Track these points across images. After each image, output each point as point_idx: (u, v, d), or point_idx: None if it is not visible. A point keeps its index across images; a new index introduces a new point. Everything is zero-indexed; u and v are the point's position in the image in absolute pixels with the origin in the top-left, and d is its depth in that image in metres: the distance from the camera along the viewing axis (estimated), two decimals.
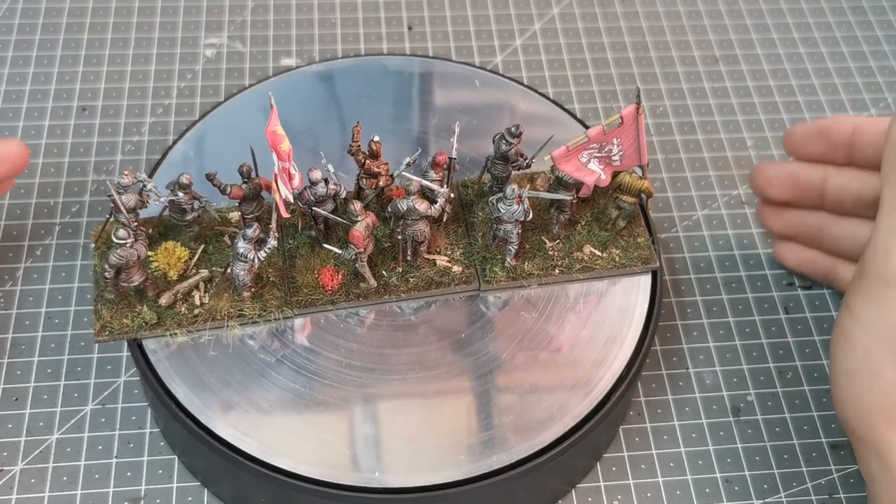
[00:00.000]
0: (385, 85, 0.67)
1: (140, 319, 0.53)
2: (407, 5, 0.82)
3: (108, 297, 0.53)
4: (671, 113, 0.76)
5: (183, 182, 0.53)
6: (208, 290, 0.54)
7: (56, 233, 0.66)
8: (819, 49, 0.81)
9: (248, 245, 0.51)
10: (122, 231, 0.50)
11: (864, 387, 0.49)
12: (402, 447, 0.51)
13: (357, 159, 0.56)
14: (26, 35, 0.78)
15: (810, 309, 0.65)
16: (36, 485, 0.56)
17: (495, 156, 0.57)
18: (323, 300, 0.54)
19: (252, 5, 0.81)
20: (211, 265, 0.55)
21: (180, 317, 0.53)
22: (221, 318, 0.53)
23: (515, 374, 0.54)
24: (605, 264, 0.56)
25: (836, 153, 0.59)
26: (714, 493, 0.57)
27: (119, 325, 0.53)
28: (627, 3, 0.84)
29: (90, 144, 0.71)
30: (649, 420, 0.60)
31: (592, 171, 0.55)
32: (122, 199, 0.51)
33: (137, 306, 0.53)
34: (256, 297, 0.54)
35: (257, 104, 0.65)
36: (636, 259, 0.57)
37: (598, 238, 0.57)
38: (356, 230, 0.52)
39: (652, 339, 0.56)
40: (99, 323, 0.53)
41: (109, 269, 0.51)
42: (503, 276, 0.56)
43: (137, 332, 0.53)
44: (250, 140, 0.64)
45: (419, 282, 0.55)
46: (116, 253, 0.50)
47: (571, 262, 0.56)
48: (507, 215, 0.53)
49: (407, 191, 0.54)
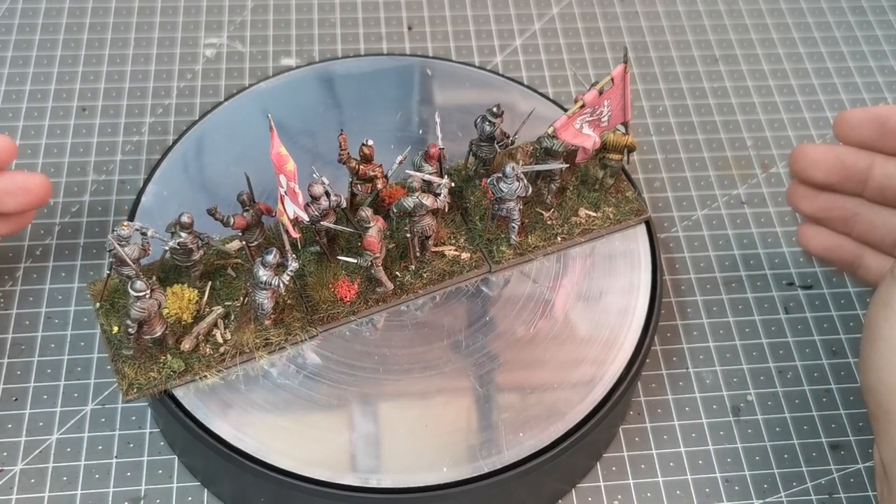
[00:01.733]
0: (385, 85, 0.67)
1: (167, 370, 0.51)
2: (407, 5, 0.82)
3: (127, 353, 0.51)
4: (671, 113, 0.76)
5: (185, 222, 0.52)
6: (228, 325, 0.53)
7: (56, 233, 0.66)
8: (819, 49, 0.81)
9: (269, 272, 0.50)
10: (139, 283, 0.48)
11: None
12: (401, 447, 0.51)
13: (350, 167, 0.55)
14: (26, 35, 0.78)
15: (810, 309, 0.65)
16: (36, 485, 0.56)
17: (480, 138, 0.57)
18: (344, 312, 0.54)
19: (252, 5, 0.81)
20: (222, 300, 0.54)
21: (207, 358, 0.52)
22: (249, 350, 0.52)
23: (515, 374, 0.54)
24: (601, 223, 0.58)
25: (889, 141, 0.59)
26: (714, 493, 0.57)
27: (146, 380, 0.51)
28: (627, 3, 0.84)
29: (90, 144, 0.71)
30: (649, 420, 0.60)
31: (588, 135, 0.56)
32: (126, 251, 0.50)
33: (160, 357, 0.51)
34: (278, 323, 0.53)
35: (257, 104, 0.65)
36: (629, 213, 0.59)
37: (589, 199, 0.59)
38: (371, 236, 0.52)
39: (652, 339, 0.56)
40: (125, 382, 0.51)
41: (132, 323, 0.49)
42: (510, 254, 0.57)
43: (167, 383, 0.51)
44: (250, 141, 0.64)
45: (433, 275, 0.56)
46: (137, 307, 0.48)
47: (571, 228, 0.58)
48: (510, 193, 0.54)
49: (409, 188, 0.54)
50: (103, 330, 0.53)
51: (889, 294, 0.49)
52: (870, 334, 0.50)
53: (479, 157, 0.58)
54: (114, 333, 0.52)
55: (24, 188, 0.58)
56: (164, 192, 0.60)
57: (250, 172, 0.61)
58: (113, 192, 0.68)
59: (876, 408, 0.49)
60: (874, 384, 0.49)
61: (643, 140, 0.73)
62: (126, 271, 0.51)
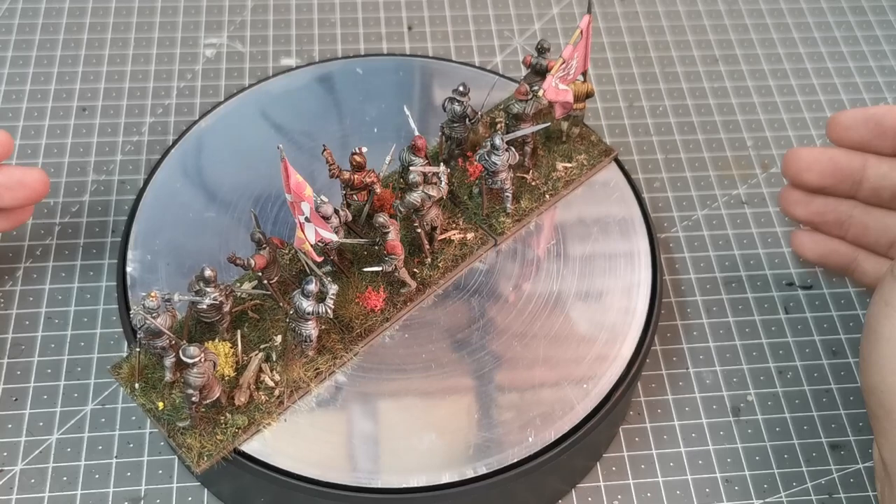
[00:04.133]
0: (385, 85, 0.67)
1: (232, 428, 0.49)
2: (407, 5, 0.82)
3: (182, 425, 0.49)
4: (671, 113, 0.76)
5: (209, 276, 0.49)
6: (274, 367, 0.52)
7: (56, 233, 0.66)
8: (819, 49, 0.81)
9: (311, 301, 0.49)
10: (191, 349, 0.46)
11: None
12: (401, 447, 0.51)
13: (342, 179, 0.54)
14: (26, 35, 0.78)
15: (810, 309, 0.65)
16: (36, 485, 0.56)
17: (452, 120, 0.58)
18: (379, 321, 0.54)
19: (252, 5, 0.81)
20: (255, 345, 0.52)
21: (265, 405, 0.51)
22: (304, 385, 0.51)
23: (515, 374, 0.54)
24: (579, 171, 0.60)
25: (884, 141, 0.59)
26: (714, 493, 0.57)
27: (214, 445, 0.49)
28: (627, 3, 0.84)
29: (90, 144, 0.71)
30: (649, 420, 0.60)
31: (566, 90, 0.58)
32: (159, 322, 0.48)
33: (220, 417, 0.50)
34: (322, 350, 0.52)
35: (257, 104, 0.65)
36: (599, 155, 0.61)
37: (560, 153, 0.61)
38: (392, 240, 0.52)
39: (652, 339, 0.56)
40: (193, 454, 0.49)
41: (194, 392, 0.47)
42: (510, 223, 0.58)
43: (236, 442, 0.50)
44: (250, 141, 0.64)
45: (447, 263, 0.56)
46: (195, 373, 0.46)
47: (554, 183, 0.60)
48: (503, 164, 0.55)
49: (412, 184, 0.54)
50: (147, 410, 0.50)
51: (890, 292, 0.49)
52: (871, 333, 0.50)
53: (452, 139, 0.59)
54: (161, 410, 0.50)
55: (22, 182, 0.57)
56: (163, 195, 0.61)
57: (250, 173, 0.61)
58: (113, 192, 0.68)
59: (877, 407, 0.49)
60: (875, 383, 0.49)
61: (643, 140, 0.73)
62: (161, 343, 0.49)
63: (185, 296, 0.50)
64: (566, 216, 0.60)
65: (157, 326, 0.47)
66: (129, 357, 0.51)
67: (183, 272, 0.56)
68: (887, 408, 0.49)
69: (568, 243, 0.59)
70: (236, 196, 0.60)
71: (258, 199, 0.60)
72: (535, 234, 0.59)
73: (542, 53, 0.59)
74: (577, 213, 0.60)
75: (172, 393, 0.50)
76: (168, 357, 0.49)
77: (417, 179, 0.53)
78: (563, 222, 0.60)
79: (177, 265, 0.57)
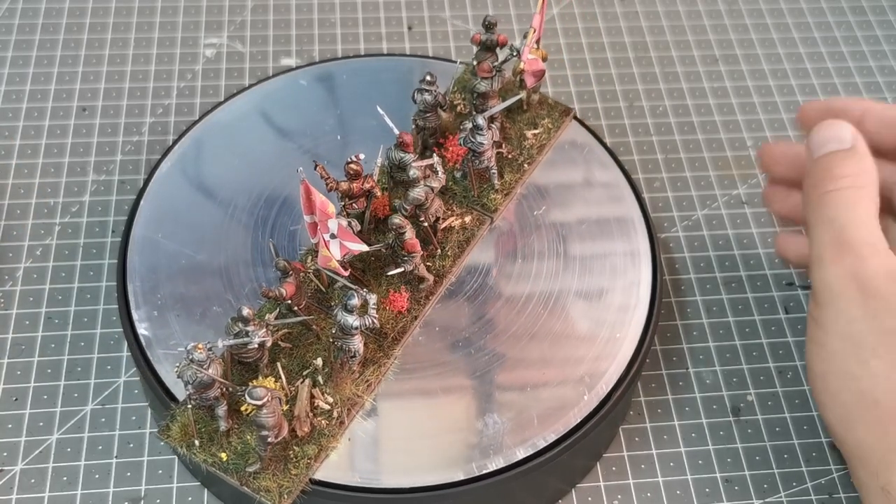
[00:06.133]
0: (385, 85, 0.67)
1: (304, 459, 0.49)
2: (407, 5, 0.82)
3: (252, 469, 0.48)
4: (671, 113, 0.76)
5: (247, 315, 0.48)
6: (324, 390, 0.51)
7: (56, 233, 0.66)
8: (819, 49, 0.81)
9: (356, 315, 0.48)
10: (257, 391, 0.45)
11: (837, 387, 0.49)
12: (401, 447, 0.51)
13: (341, 190, 0.53)
14: (26, 35, 0.78)
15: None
16: (36, 485, 0.56)
17: (424, 111, 0.58)
18: (409, 321, 0.54)
19: (252, 5, 0.81)
20: (297, 373, 0.51)
21: (328, 430, 0.50)
22: (359, 399, 0.51)
23: (515, 374, 0.54)
24: (547, 135, 0.62)
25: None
26: (714, 493, 0.57)
27: (290, 481, 0.48)
28: (627, 3, 0.84)
29: (90, 144, 0.71)
30: (649, 420, 0.60)
31: (536, 59, 0.59)
32: (211, 372, 0.46)
33: (286, 453, 0.49)
34: (366, 362, 0.52)
35: (257, 104, 0.65)
36: (560, 117, 0.63)
37: (524, 121, 0.62)
38: (410, 239, 0.52)
39: (652, 339, 0.56)
40: (274, 495, 0.48)
41: (269, 431, 0.46)
42: (500, 198, 0.59)
43: (310, 473, 0.49)
44: (250, 141, 0.64)
45: (455, 250, 0.56)
46: (265, 414, 0.46)
47: (528, 152, 0.61)
48: (488, 142, 0.56)
49: (413, 180, 0.53)
50: (211, 464, 0.49)
51: (812, 332, 0.51)
52: (809, 373, 0.52)
53: (426, 129, 0.59)
54: (224, 461, 0.48)
55: None
56: (163, 195, 0.61)
57: (249, 174, 0.61)
58: (113, 192, 0.68)
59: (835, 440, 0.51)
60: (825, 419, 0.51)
61: (643, 140, 0.73)
62: (212, 394, 0.47)
63: (228, 341, 0.48)
64: (566, 216, 0.60)
65: (211, 377, 0.46)
66: (173, 416, 0.50)
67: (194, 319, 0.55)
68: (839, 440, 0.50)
69: (568, 243, 0.59)
70: (236, 196, 0.60)
71: (258, 199, 0.60)
72: (534, 229, 0.59)
73: (489, 29, 0.60)
74: (578, 213, 0.60)
75: (230, 441, 0.49)
76: (220, 406, 0.48)
77: (419, 175, 0.53)
78: (564, 222, 0.60)
79: (186, 314, 0.55)
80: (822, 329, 0.50)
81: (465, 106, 0.62)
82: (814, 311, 0.51)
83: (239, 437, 0.49)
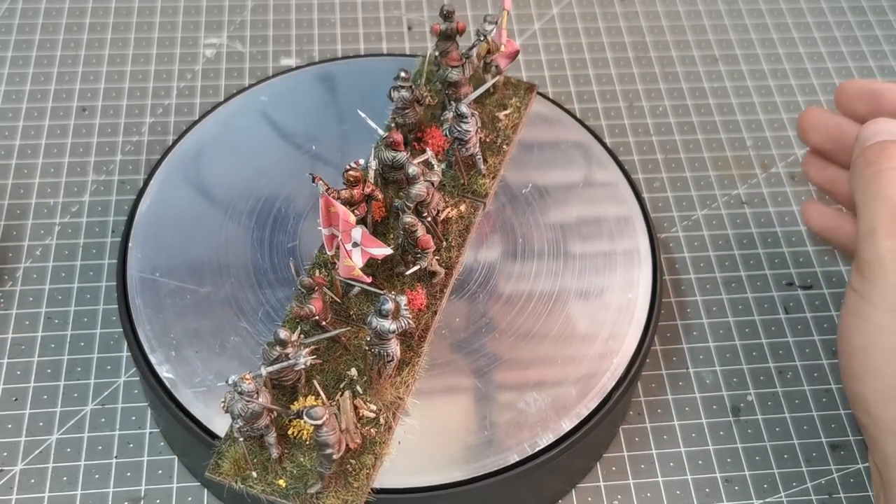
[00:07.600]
0: (385, 85, 0.66)
1: (364, 470, 0.48)
2: (407, 5, 0.82)
3: (314, 490, 0.47)
4: (671, 113, 0.76)
5: (284, 338, 0.47)
6: (366, 399, 0.50)
7: (56, 233, 0.66)
8: (819, 49, 0.81)
9: (391, 319, 0.48)
10: (315, 410, 0.44)
11: (881, 361, 0.49)
12: (401, 447, 0.51)
13: (343, 199, 0.53)
14: (26, 35, 0.78)
15: (810, 309, 0.65)
16: (36, 485, 0.56)
17: (403, 108, 0.58)
18: (430, 316, 0.53)
19: (252, 5, 0.81)
20: (334, 387, 0.51)
21: (378, 437, 0.49)
22: (400, 402, 0.51)
23: (515, 374, 0.54)
24: (518, 114, 0.62)
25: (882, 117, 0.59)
26: (714, 493, 0.57)
27: (353, 494, 0.48)
28: (627, 3, 0.84)
29: (90, 144, 0.71)
30: (649, 420, 0.60)
31: (512, 40, 0.60)
32: (262, 401, 0.45)
33: (344, 467, 0.48)
34: (401, 365, 0.51)
35: (257, 105, 0.65)
36: (525, 95, 0.63)
37: (493, 104, 0.63)
38: (423, 236, 0.51)
39: (652, 339, 0.56)
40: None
41: (333, 448, 0.45)
42: (489, 183, 0.59)
43: (370, 483, 0.48)
44: (250, 141, 0.64)
45: (457, 240, 0.56)
46: (325, 431, 0.45)
47: (504, 133, 0.61)
48: (473, 129, 0.56)
49: (412, 177, 0.53)
50: (271, 493, 0.47)
51: (855, 305, 0.51)
52: (844, 343, 0.51)
53: (405, 125, 0.59)
54: (284, 488, 0.48)
55: None
56: (163, 195, 0.60)
57: (250, 175, 0.61)
58: (113, 192, 0.68)
59: (863, 416, 0.50)
60: (858, 392, 0.50)
61: (643, 140, 0.74)
62: (262, 423, 0.46)
63: (271, 367, 0.47)
64: (566, 216, 0.60)
65: (261, 406, 0.45)
66: (220, 452, 0.49)
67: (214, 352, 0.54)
68: (872, 415, 0.49)
69: (568, 243, 0.59)
70: (236, 198, 0.60)
71: (258, 200, 0.60)
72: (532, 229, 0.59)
73: (448, 18, 0.59)
74: (578, 213, 0.60)
75: (284, 466, 0.48)
76: (269, 434, 0.47)
77: (418, 171, 0.53)
78: (564, 222, 0.60)
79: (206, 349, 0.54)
80: (869, 302, 0.49)
81: (432, 97, 0.62)
82: (856, 284, 0.50)
83: (291, 460, 0.48)
